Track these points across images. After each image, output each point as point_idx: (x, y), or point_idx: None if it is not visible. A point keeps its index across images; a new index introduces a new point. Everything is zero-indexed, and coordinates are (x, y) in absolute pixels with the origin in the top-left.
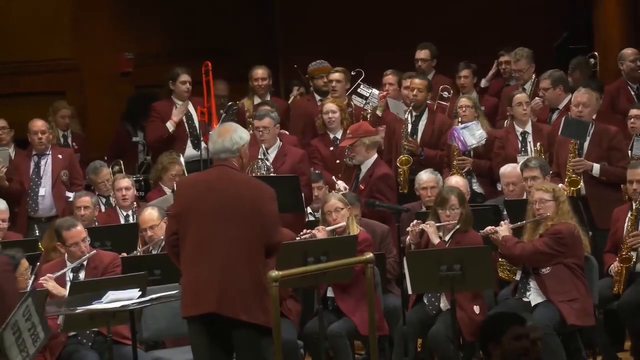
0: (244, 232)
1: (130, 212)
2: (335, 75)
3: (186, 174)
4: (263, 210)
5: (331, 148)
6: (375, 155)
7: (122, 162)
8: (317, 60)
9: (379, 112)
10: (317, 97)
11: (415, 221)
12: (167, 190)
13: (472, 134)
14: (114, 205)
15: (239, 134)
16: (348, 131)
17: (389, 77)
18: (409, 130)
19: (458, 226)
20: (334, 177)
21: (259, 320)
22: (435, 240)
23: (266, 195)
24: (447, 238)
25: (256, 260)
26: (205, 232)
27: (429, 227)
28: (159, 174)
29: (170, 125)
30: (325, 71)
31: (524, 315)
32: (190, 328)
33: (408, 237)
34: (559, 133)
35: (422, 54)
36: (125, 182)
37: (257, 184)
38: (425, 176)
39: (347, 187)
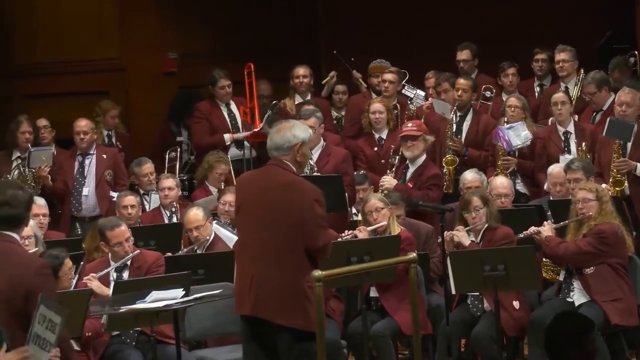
0: (285, 235)
1: (173, 213)
2: (389, 76)
3: (232, 173)
4: (305, 213)
5: (375, 148)
6: (425, 156)
7: (178, 149)
8: (379, 59)
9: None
10: (374, 95)
11: (446, 232)
12: (213, 190)
13: (518, 134)
14: (158, 204)
15: (293, 132)
16: (410, 124)
17: (432, 80)
18: (454, 130)
19: (487, 225)
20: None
21: (298, 324)
22: (466, 243)
23: (310, 198)
24: (478, 239)
25: (295, 264)
26: (250, 232)
27: (458, 232)
28: (204, 172)
29: (228, 139)
30: (380, 70)
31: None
32: (241, 325)
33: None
34: (604, 133)
35: (463, 54)
36: (169, 182)
37: (303, 186)
38: (469, 176)
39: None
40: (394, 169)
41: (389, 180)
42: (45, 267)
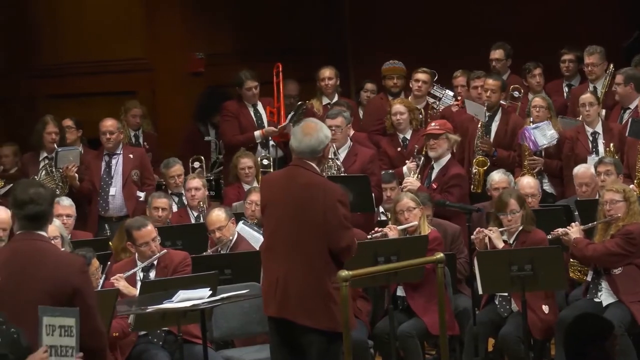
0: (309, 235)
1: (200, 213)
2: (422, 76)
3: (258, 167)
4: (327, 213)
5: (399, 149)
6: (450, 155)
7: (203, 158)
8: (391, 60)
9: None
10: (390, 97)
11: (477, 229)
12: (246, 187)
13: (544, 134)
14: (186, 204)
15: (324, 133)
16: (433, 123)
17: (460, 79)
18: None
19: (521, 227)
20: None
21: (324, 325)
22: (500, 245)
23: (333, 199)
24: (511, 240)
25: (320, 265)
26: (274, 233)
27: (492, 233)
28: (235, 171)
29: (258, 136)
30: (395, 72)
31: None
32: (268, 325)
33: (474, 238)
34: (627, 134)
35: (496, 53)
36: (196, 182)
37: (326, 186)
38: (497, 177)
39: (415, 168)
40: (417, 169)
41: (412, 182)
42: (85, 264)
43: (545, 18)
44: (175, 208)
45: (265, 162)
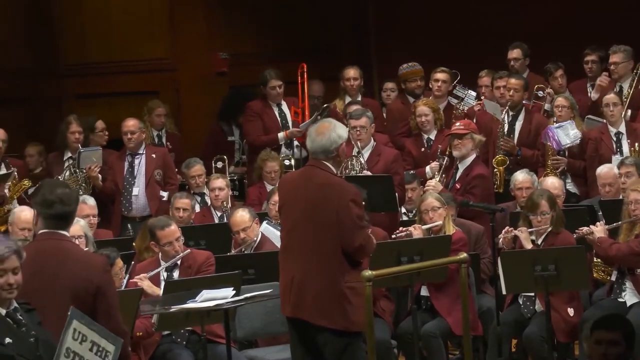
0: (323, 236)
1: (223, 213)
2: (442, 75)
3: (282, 168)
4: (340, 213)
5: (423, 149)
6: (475, 155)
7: (225, 157)
8: (409, 63)
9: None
10: (411, 99)
11: (507, 228)
12: (269, 187)
13: (567, 133)
14: (208, 204)
15: (337, 133)
16: (458, 123)
17: (485, 79)
18: (506, 130)
19: (550, 229)
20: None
21: (340, 325)
22: (528, 246)
23: (347, 199)
24: (539, 241)
25: (334, 265)
26: (290, 233)
27: (522, 233)
28: (259, 172)
29: (282, 138)
30: (417, 74)
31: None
32: (287, 325)
33: (501, 240)
34: None
35: (514, 53)
36: (219, 182)
37: (340, 187)
38: (520, 177)
39: (438, 167)
40: (440, 170)
41: (434, 186)
42: (108, 264)
43: (567, 16)
44: (197, 208)
45: (287, 162)
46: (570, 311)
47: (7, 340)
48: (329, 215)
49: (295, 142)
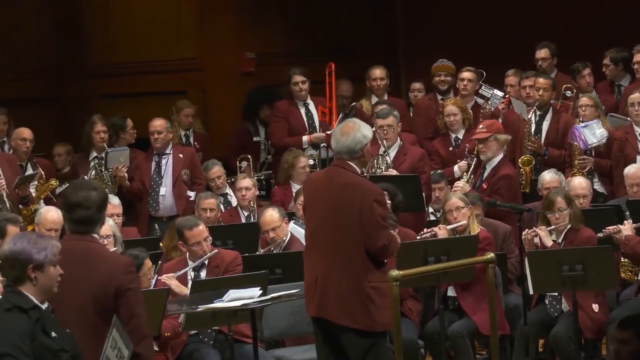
0: (346, 236)
1: (250, 213)
2: (467, 75)
3: (314, 162)
4: (363, 213)
5: (450, 148)
6: (502, 155)
7: (250, 157)
8: (440, 59)
9: (499, 119)
10: (439, 97)
11: (526, 230)
12: (296, 187)
13: (593, 132)
14: (233, 204)
15: (362, 133)
16: (481, 125)
17: (511, 78)
18: (533, 130)
19: (569, 226)
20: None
21: (363, 325)
22: (549, 243)
23: (370, 199)
24: (560, 239)
25: (357, 264)
26: (314, 233)
27: (541, 231)
28: (287, 172)
29: (305, 142)
30: (446, 70)
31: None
32: (313, 325)
33: (523, 240)
34: None
35: (542, 53)
36: (246, 182)
37: (363, 186)
38: (548, 176)
39: (466, 166)
40: (469, 170)
41: (462, 187)
42: (132, 264)
43: (596, 16)
44: (222, 208)
45: (311, 162)
46: (595, 307)
47: (54, 334)
48: (352, 215)
49: (322, 144)
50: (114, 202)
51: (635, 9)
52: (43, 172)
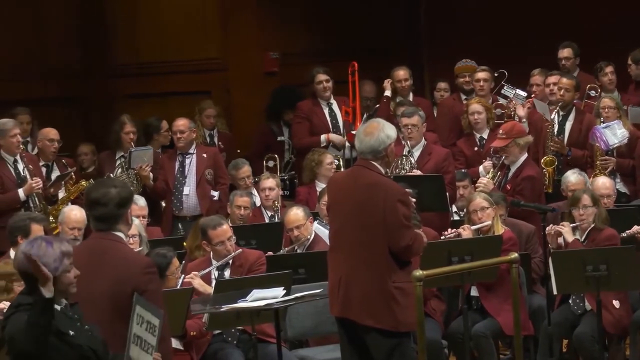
0: (370, 236)
1: (274, 212)
2: (482, 74)
3: (338, 162)
4: (387, 213)
5: (475, 148)
6: (526, 155)
7: (277, 157)
8: (464, 59)
9: (525, 124)
10: (463, 97)
11: (550, 225)
12: (321, 186)
13: (614, 133)
14: (257, 204)
15: (386, 133)
16: (501, 130)
17: (537, 78)
18: (555, 130)
19: (593, 225)
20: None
21: (387, 325)
22: (570, 239)
23: (394, 199)
24: (582, 238)
25: (381, 264)
26: (338, 233)
27: (564, 227)
28: (312, 172)
29: (323, 140)
30: (470, 70)
31: None
32: (337, 325)
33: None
34: None
35: (565, 52)
36: (269, 182)
37: (387, 186)
38: (573, 178)
39: (492, 166)
40: (496, 170)
41: (485, 184)
42: (151, 265)
43: (620, 16)
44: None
45: (335, 162)
46: (616, 303)
47: (71, 332)
48: (376, 215)
49: (347, 144)
50: (140, 203)
51: None
52: (73, 172)
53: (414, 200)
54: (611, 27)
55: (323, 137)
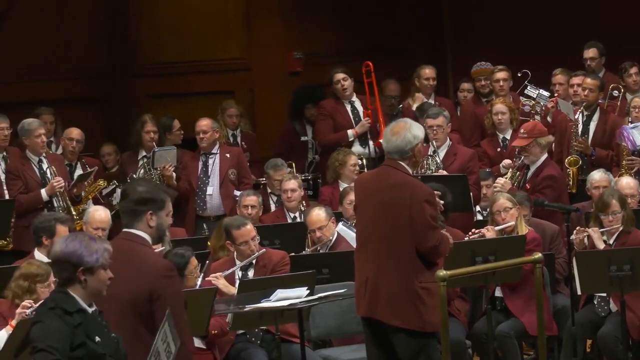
0: (397, 236)
1: (297, 214)
2: (501, 74)
3: (361, 162)
4: (414, 213)
5: (498, 149)
6: (546, 155)
7: (293, 164)
8: (478, 62)
9: (549, 119)
10: (483, 99)
11: (578, 228)
12: (344, 186)
13: None
14: (272, 204)
15: (413, 133)
16: (522, 130)
17: (559, 77)
18: (580, 130)
19: (621, 228)
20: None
21: (414, 325)
22: (601, 246)
23: (420, 199)
24: (611, 241)
25: (408, 265)
26: (365, 233)
27: (593, 233)
28: (336, 171)
29: (351, 135)
30: (485, 73)
31: None
32: (362, 325)
33: (573, 239)
34: None
35: (590, 52)
36: (292, 183)
37: (414, 186)
38: (597, 176)
39: (511, 165)
40: (515, 168)
41: (503, 184)
42: (170, 269)
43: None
44: (273, 207)
45: (359, 162)
46: None
47: (97, 338)
48: (403, 215)
49: (371, 143)
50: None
51: None
52: (94, 171)
53: (441, 202)
54: (635, 27)
55: (350, 132)
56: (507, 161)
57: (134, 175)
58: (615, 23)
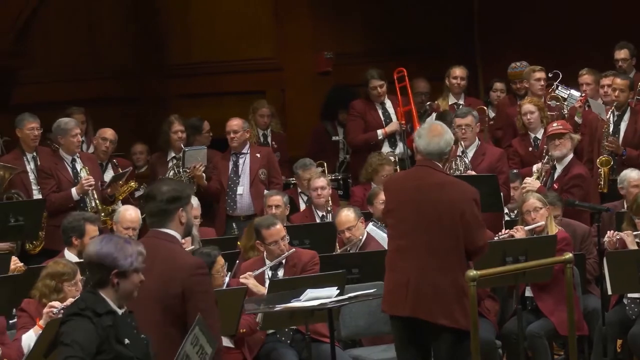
0: (443, 235)
1: (325, 212)
2: (541, 74)
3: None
4: (466, 213)
5: (530, 148)
6: (572, 155)
7: (324, 163)
8: (517, 63)
9: (577, 119)
10: (518, 101)
11: (611, 232)
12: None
13: None
14: (302, 204)
15: (450, 135)
16: (556, 123)
17: (585, 77)
18: (611, 130)
19: None
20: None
21: (461, 324)
22: (633, 248)
23: (470, 198)
24: None
25: (455, 264)
26: (405, 234)
27: (627, 236)
28: (370, 175)
29: (380, 134)
30: (520, 76)
31: None
32: (391, 324)
33: (606, 243)
34: None
35: (621, 53)
36: (321, 181)
37: (460, 186)
38: (633, 173)
39: (541, 169)
40: (544, 170)
41: (531, 183)
42: (201, 266)
43: None
44: (303, 206)
45: (393, 169)
46: None
47: (127, 341)
48: (451, 214)
49: (400, 144)
50: (193, 203)
51: None
52: (129, 172)
53: None
54: None
55: (380, 131)
56: (537, 166)
57: (162, 178)
58: None
